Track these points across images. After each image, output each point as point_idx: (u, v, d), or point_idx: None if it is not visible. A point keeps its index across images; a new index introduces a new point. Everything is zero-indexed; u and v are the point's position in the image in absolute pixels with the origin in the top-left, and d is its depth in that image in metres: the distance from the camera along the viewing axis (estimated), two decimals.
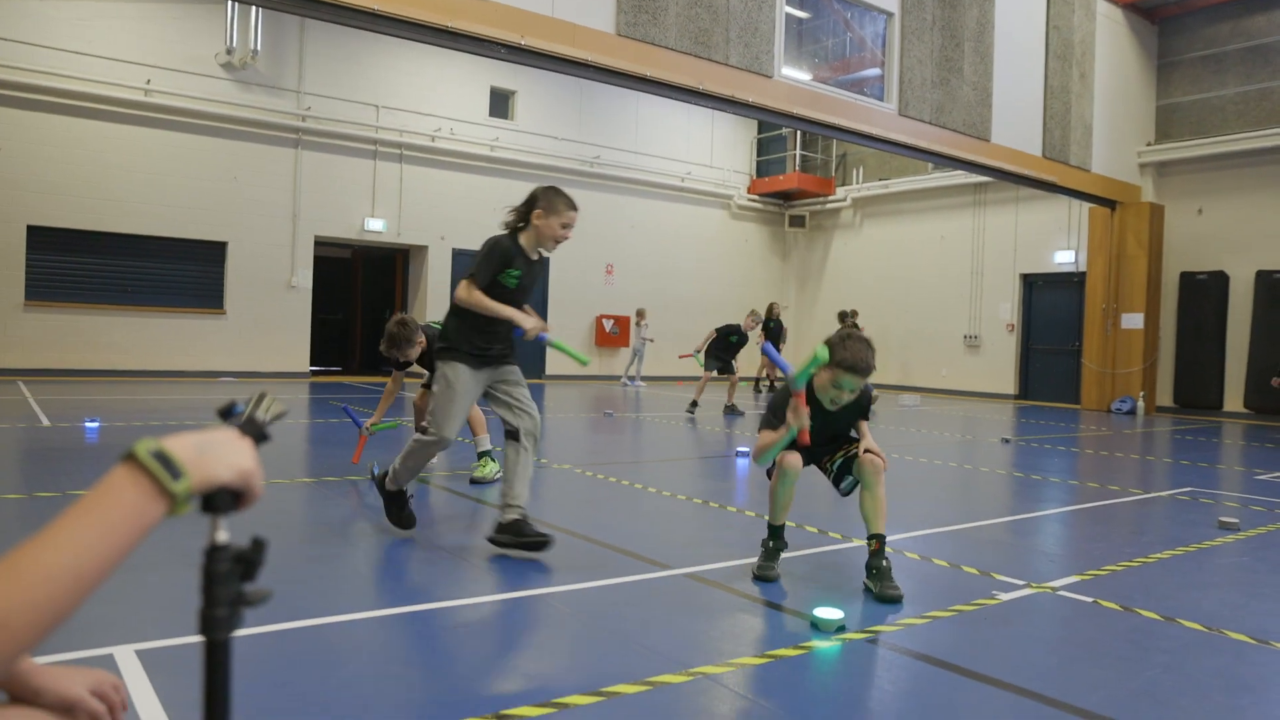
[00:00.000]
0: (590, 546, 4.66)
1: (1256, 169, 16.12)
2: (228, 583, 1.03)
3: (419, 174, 18.23)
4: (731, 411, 12.84)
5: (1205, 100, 16.81)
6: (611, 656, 3.08)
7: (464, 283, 4.33)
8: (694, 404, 12.77)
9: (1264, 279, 15.64)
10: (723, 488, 6.85)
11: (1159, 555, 4.90)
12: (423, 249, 18.53)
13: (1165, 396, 17.19)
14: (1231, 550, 5.16)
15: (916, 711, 2.72)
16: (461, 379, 4.39)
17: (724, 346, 13.20)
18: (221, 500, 1.02)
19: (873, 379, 4.02)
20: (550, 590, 3.79)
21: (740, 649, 3.18)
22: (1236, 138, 16.13)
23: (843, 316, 15.94)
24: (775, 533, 4.11)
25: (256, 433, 1.10)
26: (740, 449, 8.70)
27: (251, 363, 16.39)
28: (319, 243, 17.39)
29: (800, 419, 3.69)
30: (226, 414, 1.11)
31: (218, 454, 1.01)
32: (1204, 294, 16.49)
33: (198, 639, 1.04)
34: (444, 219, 18.52)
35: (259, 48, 16.03)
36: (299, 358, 17.01)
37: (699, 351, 13.29)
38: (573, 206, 4.42)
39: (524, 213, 4.42)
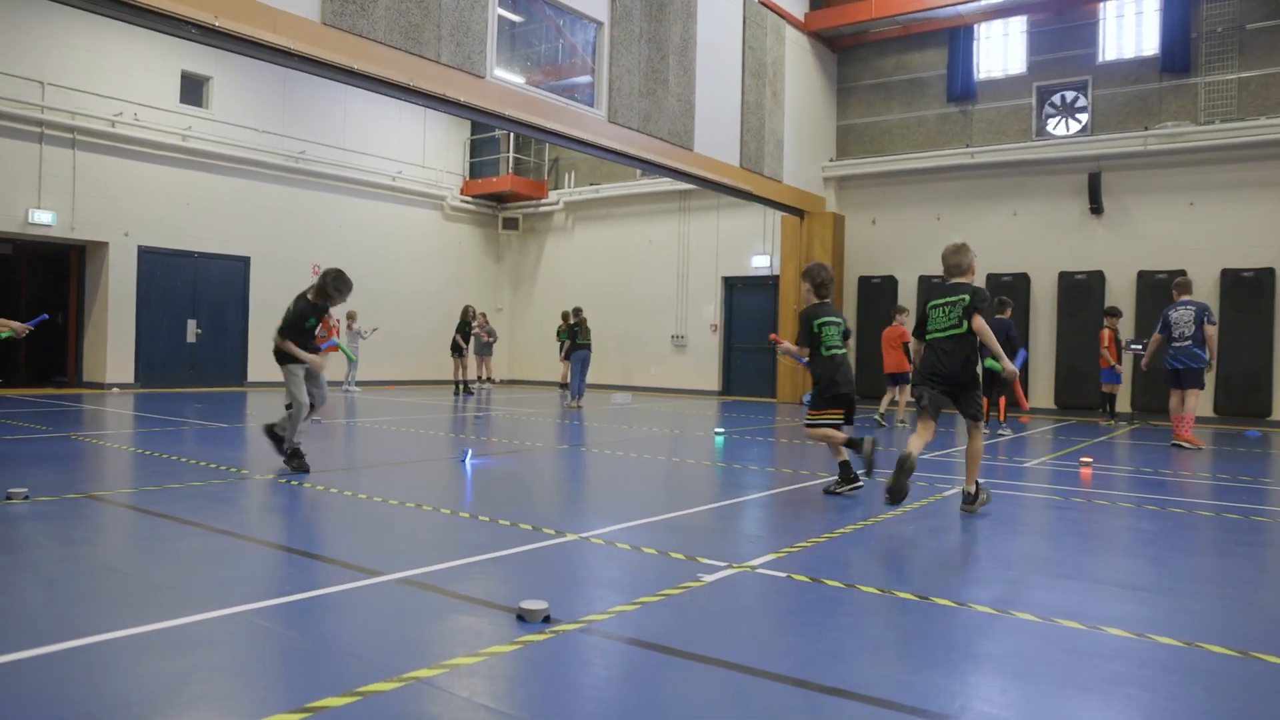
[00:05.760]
0: (297, 558, 4.42)
1: (916, 186, 18.21)
2: None
3: (96, 162, 16.43)
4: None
5: (876, 123, 18.76)
6: (319, 670, 2.94)
7: None
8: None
9: (925, 283, 17.68)
10: (439, 491, 6.73)
11: (842, 530, 5.40)
12: (102, 245, 16.72)
13: None
14: (895, 522, 5.79)
15: (627, 693, 2.82)
16: None
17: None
18: None
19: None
20: (252, 607, 3.55)
21: (453, 650, 3.15)
22: (900, 158, 18.14)
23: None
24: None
25: None
26: (468, 452, 8.59)
27: None
28: None
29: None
30: None
31: None
32: (879, 295, 18.38)
33: None
34: (128, 213, 16.83)
35: None
36: None
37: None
38: None
39: None
